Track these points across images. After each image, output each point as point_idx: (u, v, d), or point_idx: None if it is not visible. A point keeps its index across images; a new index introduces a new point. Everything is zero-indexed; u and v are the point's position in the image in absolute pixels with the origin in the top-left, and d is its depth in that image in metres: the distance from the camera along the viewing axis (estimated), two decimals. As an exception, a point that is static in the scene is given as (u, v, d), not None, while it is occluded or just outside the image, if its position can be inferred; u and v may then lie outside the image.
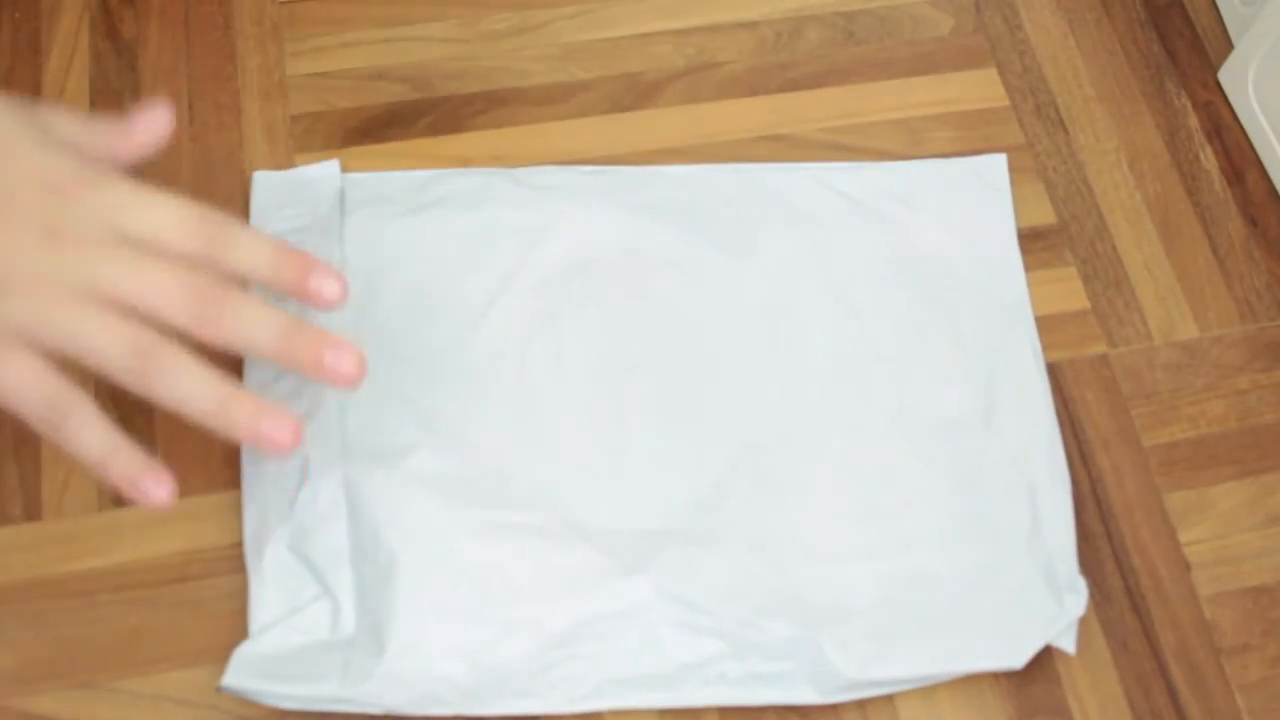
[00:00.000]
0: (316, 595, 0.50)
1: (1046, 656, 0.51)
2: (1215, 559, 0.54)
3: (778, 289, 0.56)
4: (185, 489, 0.53)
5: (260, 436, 0.44)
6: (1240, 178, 0.62)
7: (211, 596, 0.51)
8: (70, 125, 0.46)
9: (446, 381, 0.53)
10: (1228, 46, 0.65)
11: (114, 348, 0.42)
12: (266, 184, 0.58)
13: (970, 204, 0.59)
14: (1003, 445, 0.54)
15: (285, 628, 0.49)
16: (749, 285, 0.56)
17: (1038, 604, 0.51)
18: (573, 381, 0.54)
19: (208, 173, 0.59)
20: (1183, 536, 0.54)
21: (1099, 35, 0.65)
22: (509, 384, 0.54)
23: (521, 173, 0.59)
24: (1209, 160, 0.62)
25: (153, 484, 0.44)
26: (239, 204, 0.58)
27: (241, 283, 0.45)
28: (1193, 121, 0.63)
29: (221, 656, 0.50)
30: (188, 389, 0.43)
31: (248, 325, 0.44)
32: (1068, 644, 0.51)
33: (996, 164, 0.60)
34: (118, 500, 0.52)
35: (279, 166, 0.59)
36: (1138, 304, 0.59)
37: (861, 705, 0.50)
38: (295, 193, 0.57)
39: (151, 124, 0.47)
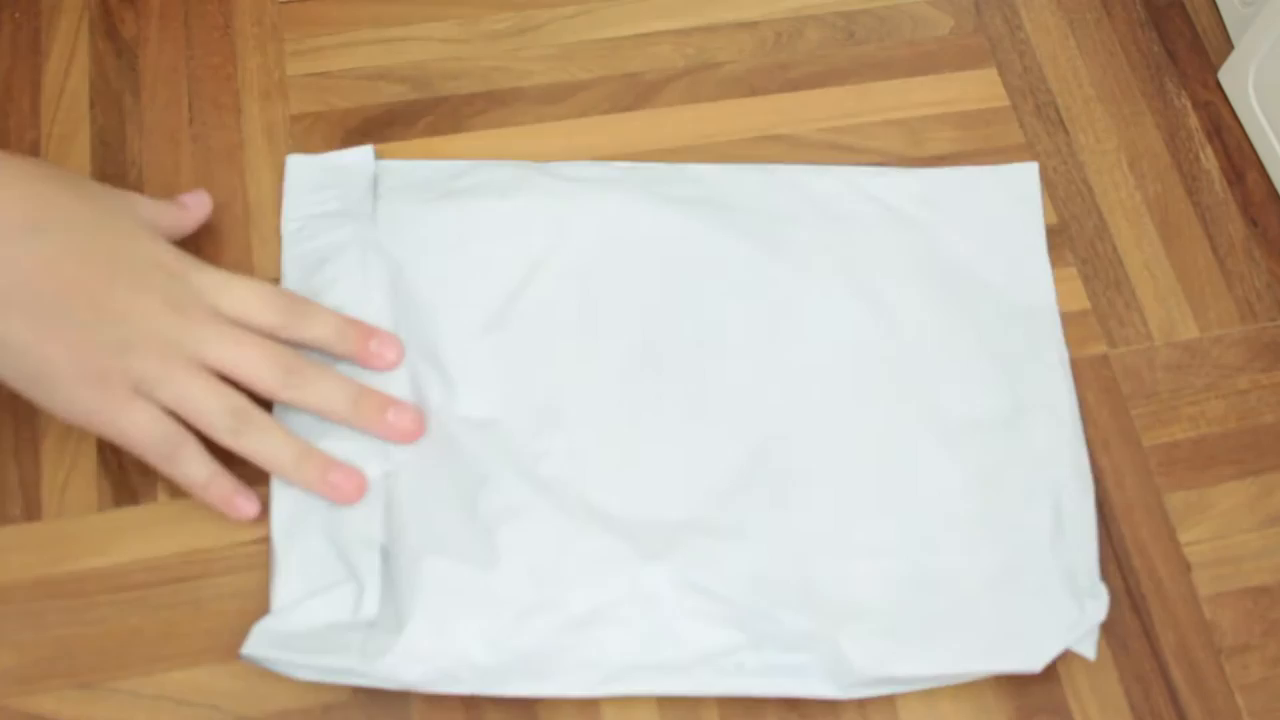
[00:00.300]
0: (342, 579, 0.50)
1: (1046, 656, 0.51)
2: (1215, 559, 0.54)
3: (806, 286, 0.56)
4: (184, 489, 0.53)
5: (329, 486, 0.51)
6: (1240, 178, 0.62)
7: (211, 596, 0.51)
8: (148, 207, 0.53)
9: (475, 367, 0.54)
10: (1228, 46, 0.65)
11: (217, 409, 0.50)
12: (300, 167, 0.58)
13: (999, 212, 0.59)
14: (1027, 448, 0.54)
15: (307, 608, 0.49)
16: (777, 281, 0.56)
17: (1058, 608, 0.51)
18: (599, 369, 0.54)
19: (208, 173, 0.59)
20: (1183, 536, 0.54)
21: (1099, 35, 0.65)
22: (536, 370, 0.54)
23: (554, 166, 0.59)
24: (1209, 160, 0.62)
25: (244, 503, 0.51)
26: (239, 204, 0.58)
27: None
28: (1193, 121, 0.63)
29: (221, 656, 0.50)
30: (272, 447, 0.51)
31: (325, 393, 0.52)
32: (1088, 650, 0.50)
33: (1028, 172, 0.60)
34: (118, 500, 0.52)
35: (278, 166, 0.59)
36: (1138, 304, 0.59)
37: (861, 704, 0.50)
38: (328, 176, 0.58)
39: (199, 204, 0.56)
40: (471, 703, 0.50)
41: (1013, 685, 0.51)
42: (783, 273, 0.56)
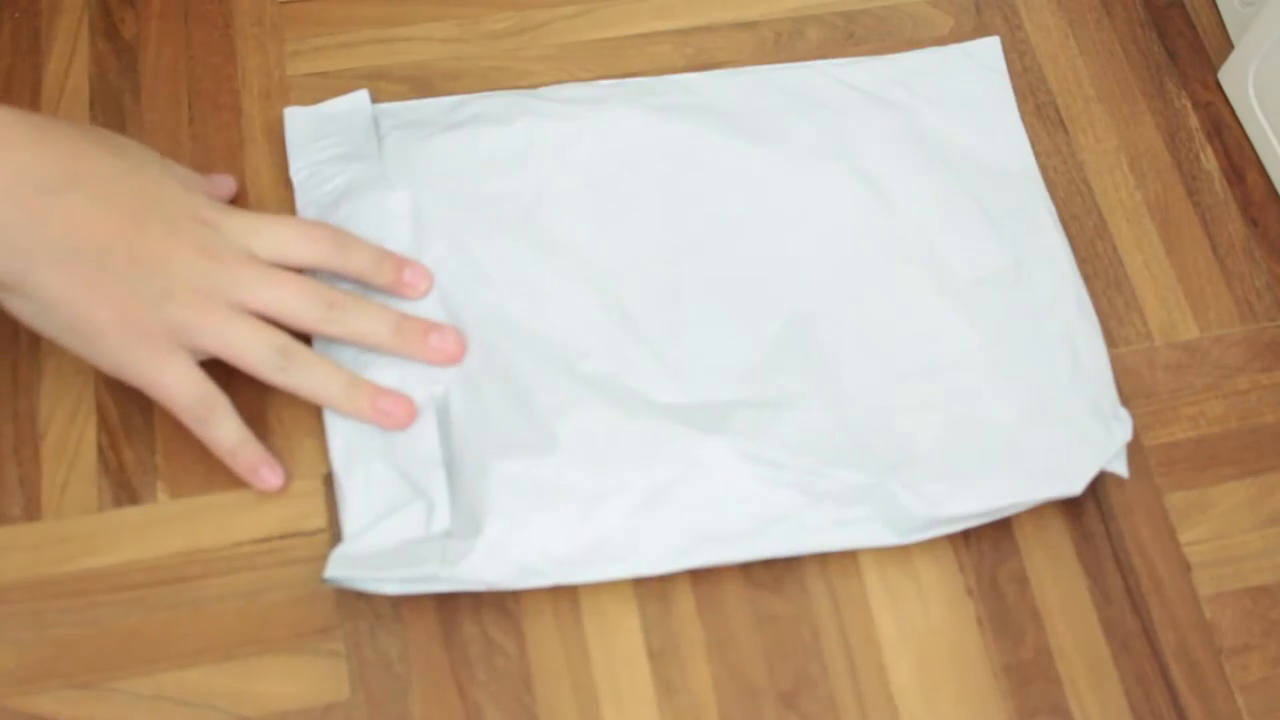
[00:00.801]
0: (410, 499, 0.51)
1: (1047, 657, 0.51)
2: (1215, 559, 0.54)
3: (807, 171, 0.59)
4: (184, 489, 0.53)
5: (380, 413, 0.52)
6: (1240, 178, 0.62)
7: (210, 596, 0.51)
8: (179, 170, 0.54)
9: (503, 282, 0.55)
10: (1228, 46, 0.65)
11: (262, 348, 0.51)
12: (298, 119, 0.59)
13: (970, 84, 0.62)
14: (1035, 296, 0.57)
15: (379, 530, 0.50)
16: (779, 169, 0.59)
17: (1088, 433, 0.53)
18: (622, 270, 0.56)
19: (208, 172, 0.58)
20: (1183, 536, 0.54)
21: (1099, 35, 0.65)
22: (561, 278, 0.56)
23: (544, 90, 0.61)
24: (1209, 160, 0.62)
25: (268, 473, 0.52)
26: (240, 203, 0.58)
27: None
28: (1193, 121, 0.63)
29: (220, 656, 0.50)
30: (320, 380, 0.52)
31: (367, 323, 0.52)
32: (1120, 468, 0.53)
33: (990, 46, 0.63)
34: (118, 500, 0.52)
35: (278, 166, 0.59)
36: (1138, 304, 0.59)
37: (862, 704, 0.50)
38: (328, 124, 0.59)
39: (226, 184, 0.57)
40: (470, 701, 0.50)
41: (1012, 685, 0.51)
42: (782, 162, 0.59)
